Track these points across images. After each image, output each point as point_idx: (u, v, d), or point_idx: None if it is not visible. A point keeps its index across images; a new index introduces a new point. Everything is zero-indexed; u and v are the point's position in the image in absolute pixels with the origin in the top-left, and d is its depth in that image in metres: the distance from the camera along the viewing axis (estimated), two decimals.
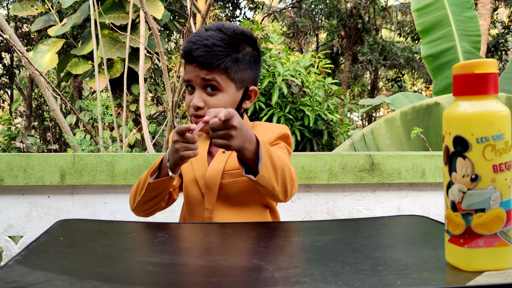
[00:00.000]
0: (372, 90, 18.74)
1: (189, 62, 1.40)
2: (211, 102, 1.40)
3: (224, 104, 1.41)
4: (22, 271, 0.75)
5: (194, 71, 1.39)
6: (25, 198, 2.21)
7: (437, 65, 5.88)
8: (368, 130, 4.49)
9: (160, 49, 3.96)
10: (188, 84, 1.42)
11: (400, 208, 2.35)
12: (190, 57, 1.38)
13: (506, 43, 15.09)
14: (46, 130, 15.53)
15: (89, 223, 1.19)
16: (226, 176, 1.43)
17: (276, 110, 5.58)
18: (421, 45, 6.01)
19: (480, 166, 0.75)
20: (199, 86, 1.40)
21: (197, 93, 1.40)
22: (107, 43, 8.96)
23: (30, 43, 14.80)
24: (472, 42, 5.98)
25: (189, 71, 1.41)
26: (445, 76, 5.85)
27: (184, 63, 1.43)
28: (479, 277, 0.73)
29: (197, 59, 1.37)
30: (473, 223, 0.76)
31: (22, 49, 4.04)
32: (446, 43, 5.85)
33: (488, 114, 0.75)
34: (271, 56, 5.71)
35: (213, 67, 1.38)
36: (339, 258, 0.85)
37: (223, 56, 1.39)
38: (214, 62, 1.38)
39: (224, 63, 1.39)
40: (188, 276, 0.77)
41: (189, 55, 1.38)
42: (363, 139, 4.46)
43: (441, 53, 5.86)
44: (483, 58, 5.92)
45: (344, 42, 17.93)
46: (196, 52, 1.37)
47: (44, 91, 4.55)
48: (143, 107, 5.28)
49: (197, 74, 1.39)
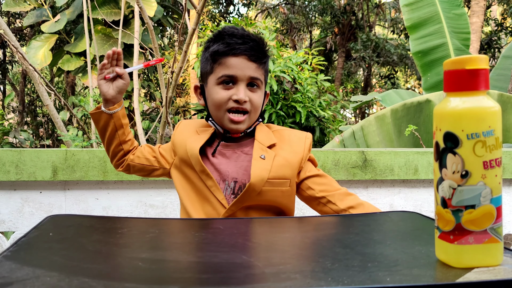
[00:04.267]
0: (365, 87, 18.76)
1: (233, 55, 1.42)
2: (254, 97, 1.44)
3: (260, 101, 1.48)
4: (10, 267, 0.75)
5: (240, 65, 1.42)
6: (17, 194, 2.20)
7: (427, 62, 5.90)
8: (358, 127, 4.49)
9: (154, 45, 3.95)
10: (227, 79, 1.43)
11: (392, 205, 2.36)
12: (236, 50, 1.41)
13: (499, 40, 15.14)
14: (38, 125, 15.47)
15: (80, 218, 1.19)
16: (267, 184, 1.44)
17: (267, 107, 5.57)
18: (410, 40, 6.00)
19: (470, 163, 0.75)
20: (244, 81, 1.43)
21: (242, 87, 1.43)
22: (100, 39, 8.94)
23: (23, 39, 14.73)
24: (462, 39, 6.00)
25: (233, 65, 1.42)
26: (435, 73, 5.86)
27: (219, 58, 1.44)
28: (469, 274, 0.73)
29: (247, 52, 1.41)
30: (463, 219, 0.76)
31: (17, 44, 4.03)
32: (436, 39, 5.86)
33: (478, 110, 0.75)
34: None
35: (261, 62, 1.44)
36: (330, 254, 0.85)
37: (267, 55, 1.47)
38: (263, 57, 1.44)
39: (266, 62, 1.47)
40: (178, 272, 0.77)
41: (236, 49, 1.41)
42: (353, 136, 4.46)
43: (431, 49, 5.88)
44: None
45: (337, 39, 17.94)
46: (245, 46, 1.41)
47: (37, 87, 4.54)
48: (137, 103, 5.28)
49: (244, 69, 1.41)
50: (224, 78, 1.42)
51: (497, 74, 6.25)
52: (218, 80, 1.43)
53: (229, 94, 1.42)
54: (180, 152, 1.52)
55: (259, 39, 1.46)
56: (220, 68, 1.43)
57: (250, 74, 1.42)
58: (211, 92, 1.46)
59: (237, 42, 1.41)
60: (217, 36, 1.46)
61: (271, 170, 1.44)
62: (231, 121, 1.44)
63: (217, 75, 1.43)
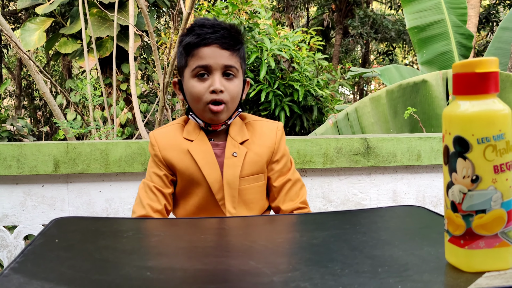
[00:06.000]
0: (364, 63, 18.70)
1: (205, 45, 1.40)
2: (230, 87, 1.43)
3: (237, 90, 1.46)
4: (19, 281, 0.74)
5: (213, 55, 1.40)
6: (19, 188, 2.19)
7: (424, 38, 5.86)
8: (353, 108, 4.47)
9: (150, 29, 3.92)
10: (202, 70, 1.41)
11: (395, 191, 2.36)
12: (207, 40, 1.39)
13: (498, 14, 15.03)
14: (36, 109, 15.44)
15: (85, 221, 1.18)
16: (242, 182, 1.46)
17: (264, 86, 5.54)
18: (405, 14, 5.94)
19: (480, 167, 0.74)
20: (219, 70, 1.41)
21: (217, 77, 1.41)
22: (96, 21, 8.87)
23: (18, 21, 14.61)
24: (459, 14, 5.95)
25: (205, 55, 1.40)
26: (431, 49, 5.82)
27: (191, 51, 1.42)
28: (480, 279, 0.73)
29: (218, 41, 1.40)
30: (473, 224, 0.75)
31: (10, 33, 3.99)
32: (434, 15, 5.81)
33: (489, 113, 0.74)
34: (260, 32, 5.66)
35: (234, 49, 1.42)
36: (339, 258, 0.84)
37: (240, 42, 1.46)
38: (235, 45, 1.43)
39: (241, 49, 1.45)
40: (186, 283, 0.76)
41: (207, 38, 1.39)
42: (346, 118, 4.44)
43: (428, 25, 5.83)
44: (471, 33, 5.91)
45: (334, 16, 17.82)
46: (216, 35, 1.39)
47: (33, 74, 4.51)
48: (134, 88, 5.25)
49: (218, 58, 1.40)
50: (198, 69, 1.41)
51: (495, 47, 6.21)
52: (192, 72, 1.42)
53: (205, 87, 1.41)
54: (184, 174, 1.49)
55: (231, 27, 1.45)
56: (193, 60, 1.42)
57: (224, 62, 1.41)
58: (188, 86, 1.45)
59: (207, 32, 1.40)
60: (189, 29, 1.45)
61: (244, 168, 1.46)
62: (211, 111, 1.42)
63: (191, 68, 1.42)
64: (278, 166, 1.52)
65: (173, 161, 1.47)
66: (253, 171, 1.47)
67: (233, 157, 1.46)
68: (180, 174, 1.48)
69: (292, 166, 1.57)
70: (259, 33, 5.64)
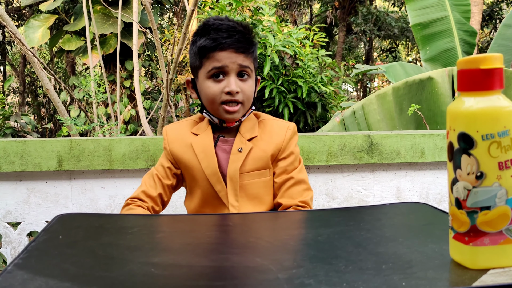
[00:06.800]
0: (367, 61, 18.67)
1: (220, 50, 1.42)
2: (245, 87, 1.46)
3: (251, 89, 1.50)
4: (23, 277, 0.74)
5: (229, 57, 1.42)
6: (23, 184, 2.20)
7: (427, 35, 5.83)
8: (359, 106, 4.47)
9: (153, 26, 3.92)
10: (217, 71, 1.44)
11: (399, 188, 2.36)
12: (223, 45, 1.41)
13: (501, 11, 14.98)
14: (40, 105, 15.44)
15: (88, 217, 1.18)
16: (245, 177, 1.49)
17: (268, 82, 5.53)
18: (408, 11, 5.92)
19: (485, 164, 0.74)
20: (234, 71, 1.44)
21: (233, 78, 1.44)
22: (99, 18, 8.87)
23: (22, 19, 14.62)
24: (463, 11, 5.92)
25: (221, 58, 1.42)
26: (435, 46, 5.80)
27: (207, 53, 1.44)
28: (485, 276, 0.72)
29: (234, 45, 1.42)
30: (478, 221, 0.75)
31: (15, 29, 3.99)
32: (437, 12, 5.78)
33: (493, 110, 0.74)
34: (263, 29, 5.65)
35: (249, 52, 1.45)
36: (343, 255, 0.84)
37: (254, 44, 1.48)
38: (250, 48, 1.46)
39: (255, 50, 1.48)
40: (192, 280, 0.76)
41: (222, 43, 1.41)
42: (353, 115, 4.44)
43: (432, 22, 5.80)
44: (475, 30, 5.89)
45: (338, 13, 17.76)
46: (232, 39, 1.41)
47: (37, 71, 4.51)
48: (137, 84, 5.25)
49: (233, 60, 1.42)
50: (214, 71, 1.44)
51: (498, 44, 6.18)
52: (208, 73, 1.45)
53: (220, 87, 1.44)
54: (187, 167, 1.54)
55: (245, 28, 1.47)
56: (208, 62, 1.44)
57: (240, 63, 1.43)
58: (203, 87, 1.48)
59: (223, 37, 1.41)
60: (203, 30, 1.46)
61: (247, 163, 1.49)
62: (227, 112, 1.45)
63: (207, 69, 1.45)
64: (284, 163, 1.53)
65: (179, 154, 1.53)
66: (257, 167, 1.50)
67: (238, 153, 1.49)
68: (185, 167, 1.53)
69: (299, 166, 1.58)
70: (262, 30, 5.63)
